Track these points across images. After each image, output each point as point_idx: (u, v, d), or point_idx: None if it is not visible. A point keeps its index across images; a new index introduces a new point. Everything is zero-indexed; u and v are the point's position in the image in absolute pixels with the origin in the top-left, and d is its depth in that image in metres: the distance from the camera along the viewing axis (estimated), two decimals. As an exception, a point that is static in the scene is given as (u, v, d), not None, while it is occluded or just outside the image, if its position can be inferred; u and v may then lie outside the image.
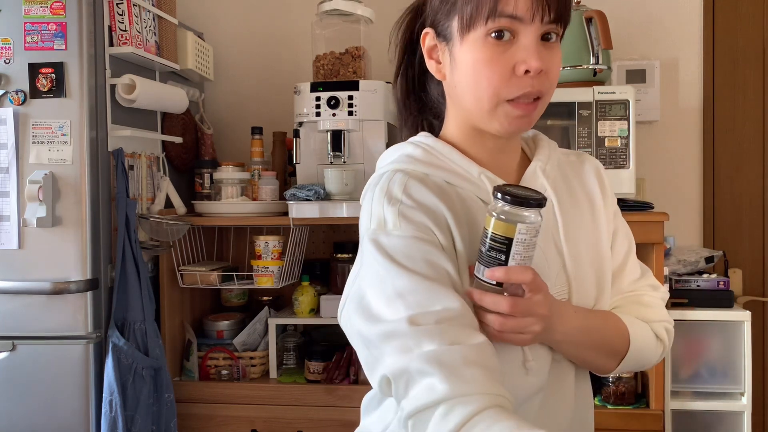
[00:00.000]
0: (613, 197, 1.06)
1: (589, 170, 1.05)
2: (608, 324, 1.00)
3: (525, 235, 0.83)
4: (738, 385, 2.04)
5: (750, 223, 2.47)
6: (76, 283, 1.90)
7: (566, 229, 0.98)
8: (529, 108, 0.90)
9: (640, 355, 1.02)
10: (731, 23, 2.47)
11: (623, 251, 1.06)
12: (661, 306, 1.07)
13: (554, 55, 0.90)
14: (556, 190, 0.99)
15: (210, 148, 2.56)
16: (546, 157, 1.01)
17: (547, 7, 0.86)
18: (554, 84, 0.91)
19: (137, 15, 2.07)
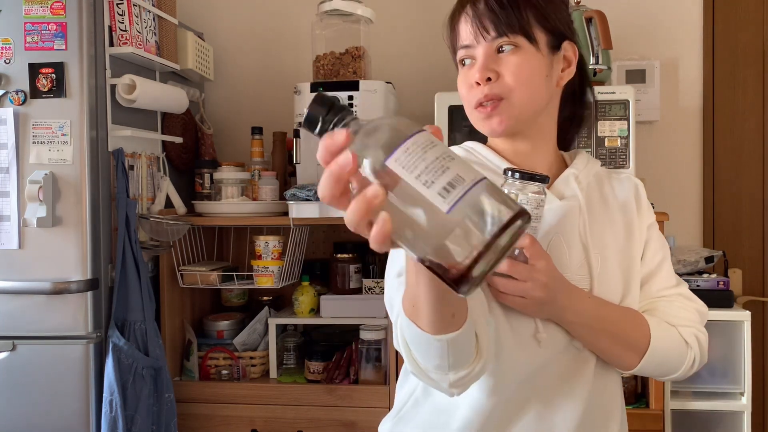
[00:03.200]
0: (650, 212, 1.15)
1: (628, 186, 1.15)
2: (627, 317, 1.06)
3: (526, 205, 0.92)
4: (738, 385, 2.04)
5: (750, 223, 2.47)
6: (76, 283, 1.90)
7: (593, 227, 1.08)
8: (488, 110, 1.03)
9: (664, 357, 1.06)
10: (731, 23, 2.47)
11: (656, 260, 1.12)
12: (692, 313, 1.10)
13: (508, 62, 1.02)
14: (587, 194, 1.10)
15: (210, 148, 2.56)
16: (582, 166, 1.12)
17: (485, 30, 1.02)
18: (514, 84, 1.02)
19: (137, 15, 2.07)
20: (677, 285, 1.13)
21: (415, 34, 2.57)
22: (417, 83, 2.54)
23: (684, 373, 1.09)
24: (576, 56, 1.09)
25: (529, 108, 1.04)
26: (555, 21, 1.05)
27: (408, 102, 2.53)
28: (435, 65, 2.54)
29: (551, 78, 1.06)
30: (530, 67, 1.02)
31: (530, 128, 1.07)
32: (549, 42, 1.05)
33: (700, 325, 1.11)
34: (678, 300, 1.11)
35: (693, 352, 1.08)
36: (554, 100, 1.10)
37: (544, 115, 1.08)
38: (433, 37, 2.76)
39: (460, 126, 2.08)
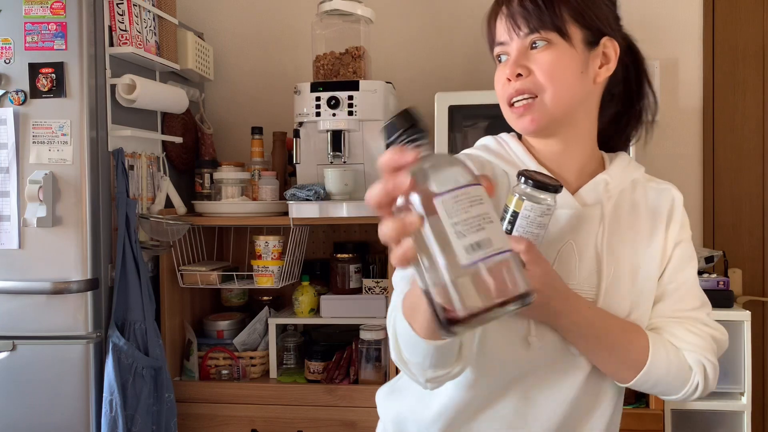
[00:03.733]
0: (683, 229, 1.11)
1: (665, 198, 1.12)
2: (627, 331, 1.04)
3: (529, 212, 0.94)
4: (738, 385, 2.04)
5: (750, 223, 2.47)
6: (76, 283, 1.90)
7: (613, 238, 1.06)
8: (521, 109, 1.03)
9: (663, 377, 1.04)
10: (731, 23, 2.47)
11: (677, 279, 1.09)
12: (703, 339, 1.07)
13: (539, 58, 1.01)
14: (617, 202, 1.08)
15: (210, 148, 2.56)
16: (617, 172, 1.10)
17: (517, 26, 1.02)
18: (547, 81, 1.01)
19: (137, 15, 2.07)
20: (697, 308, 1.10)
21: (415, 34, 2.57)
22: (417, 83, 2.54)
23: (685, 397, 1.07)
24: (617, 53, 1.06)
25: (561, 105, 1.02)
26: (591, 16, 1.03)
27: (408, 102, 2.53)
28: (435, 65, 2.54)
29: (587, 75, 1.03)
30: (562, 63, 1.01)
31: (564, 127, 1.05)
32: (585, 38, 1.02)
33: (709, 352, 1.07)
34: (690, 323, 1.08)
35: (697, 377, 1.05)
36: (592, 97, 1.07)
37: (580, 113, 1.06)
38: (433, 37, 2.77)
39: (460, 126, 2.08)
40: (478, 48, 2.54)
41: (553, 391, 1.05)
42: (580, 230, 1.06)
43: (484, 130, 2.08)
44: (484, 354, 1.03)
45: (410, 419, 1.12)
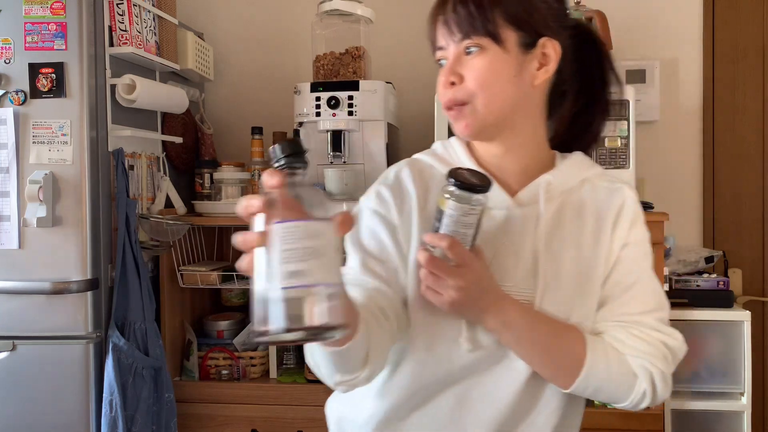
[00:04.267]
0: (633, 230, 1.06)
1: (615, 198, 1.08)
2: (562, 335, 1.01)
3: (453, 211, 0.95)
4: (738, 385, 2.04)
5: (750, 223, 2.47)
6: (76, 283, 1.90)
7: (551, 240, 1.04)
8: (454, 113, 1.03)
9: (604, 383, 1.00)
10: (731, 23, 2.47)
11: (624, 282, 1.04)
12: (651, 344, 1.01)
13: (471, 65, 1.00)
14: (561, 203, 1.06)
15: (210, 148, 2.56)
16: (563, 173, 1.08)
17: (451, 32, 1.01)
18: (478, 88, 1.00)
19: (137, 15, 2.07)
20: (645, 312, 1.04)
21: (415, 34, 2.56)
22: (417, 83, 2.54)
23: (633, 406, 1.03)
24: (558, 52, 1.03)
25: (494, 111, 1.01)
26: (526, 19, 1.00)
27: (408, 102, 2.53)
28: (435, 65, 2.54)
29: (522, 78, 1.01)
30: (493, 69, 1.00)
31: (503, 131, 1.04)
32: (520, 40, 1.00)
33: (657, 358, 1.02)
34: (636, 327, 1.02)
35: (643, 385, 1.01)
36: (531, 100, 1.05)
37: (518, 116, 1.04)
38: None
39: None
40: (478, 48, 2.55)
41: (490, 395, 1.03)
42: (517, 231, 1.04)
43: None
44: (418, 354, 1.03)
45: (348, 419, 1.12)
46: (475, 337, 1.01)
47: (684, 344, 1.07)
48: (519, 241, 1.04)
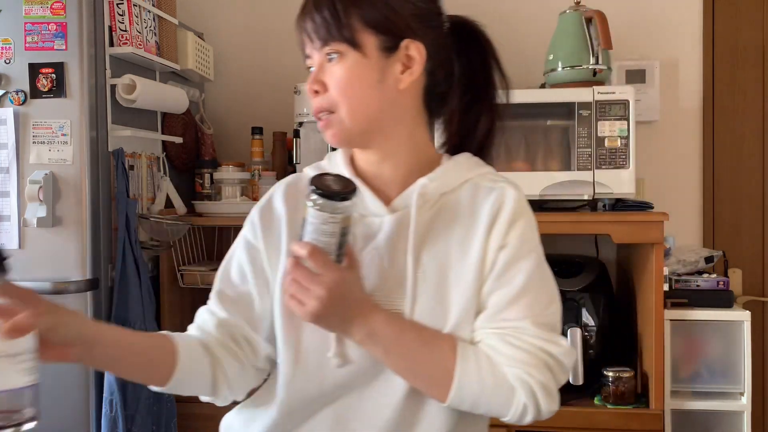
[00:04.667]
0: (511, 232, 0.99)
1: (494, 199, 1.01)
2: (431, 346, 0.96)
3: (314, 219, 0.93)
4: (738, 385, 2.04)
5: (750, 223, 2.47)
6: (76, 283, 1.90)
7: (424, 247, 1.00)
8: (322, 123, 1.01)
9: (478, 396, 0.94)
10: (731, 23, 2.47)
11: (500, 287, 0.98)
12: (528, 353, 0.94)
13: (332, 72, 0.99)
14: (438, 208, 1.02)
15: (210, 148, 2.56)
16: (441, 176, 1.03)
17: (311, 40, 1.00)
18: (340, 96, 0.98)
19: (137, 15, 2.07)
20: (527, 317, 0.96)
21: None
22: (417, 83, 2.54)
23: (517, 420, 0.95)
24: (422, 54, 0.99)
25: (359, 119, 0.99)
26: (385, 21, 0.97)
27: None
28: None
29: (385, 83, 0.98)
30: (352, 76, 0.97)
31: (375, 137, 1.02)
32: (380, 44, 0.98)
33: (536, 368, 0.94)
34: (512, 335, 0.95)
35: (522, 398, 0.93)
36: (398, 104, 1.01)
37: (388, 122, 1.01)
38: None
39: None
40: (478, 48, 2.55)
41: (369, 412, 0.99)
42: (389, 239, 1.01)
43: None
44: (288, 372, 1.01)
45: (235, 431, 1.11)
46: (344, 352, 0.98)
47: (572, 351, 0.99)
48: (391, 250, 1.00)
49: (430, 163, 1.05)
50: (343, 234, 0.94)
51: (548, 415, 0.96)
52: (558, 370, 0.96)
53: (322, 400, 1.01)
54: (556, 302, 1.00)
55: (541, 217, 2.02)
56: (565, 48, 2.14)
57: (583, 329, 1.99)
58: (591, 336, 2.03)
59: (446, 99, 1.07)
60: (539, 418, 0.96)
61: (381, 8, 0.98)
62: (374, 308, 0.96)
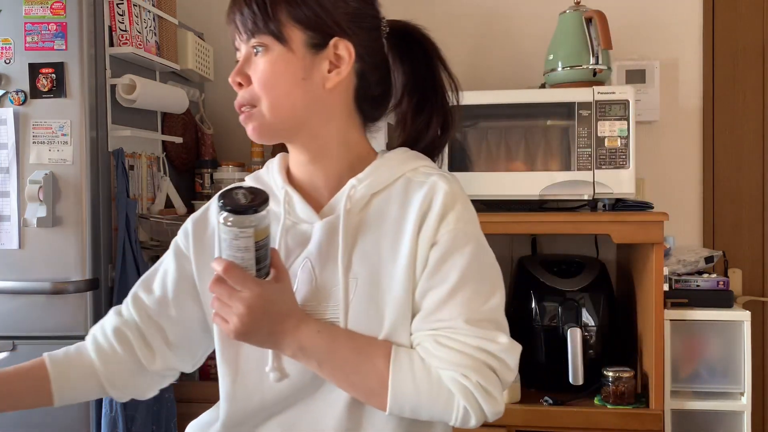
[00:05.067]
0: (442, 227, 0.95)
1: (422, 195, 0.97)
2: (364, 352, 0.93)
3: (224, 234, 0.90)
4: (738, 385, 2.04)
5: (750, 223, 2.47)
6: (76, 283, 1.90)
7: (355, 251, 0.97)
8: (243, 116, 1.00)
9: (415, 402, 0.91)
10: (731, 23, 2.47)
11: (433, 285, 0.94)
12: (462, 352, 0.90)
13: (256, 66, 0.97)
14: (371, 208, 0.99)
15: (210, 148, 2.56)
16: (373, 174, 1.00)
17: (239, 32, 0.98)
18: (262, 90, 0.97)
19: (137, 15, 2.07)
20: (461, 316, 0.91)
21: (415, 34, 2.57)
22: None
23: (461, 424, 0.92)
24: (351, 55, 0.97)
25: (281, 115, 0.97)
26: (314, 17, 0.95)
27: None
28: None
29: (311, 81, 0.96)
30: (277, 70, 0.96)
31: (298, 135, 1.00)
32: (308, 41, 0.96)
33: (472, 369, 0.89)
34: (447, 335, 0.91)
35: (460, 401, 0.90)
36: (326, 104, 0.99)
37: (315, 121, 0.99)
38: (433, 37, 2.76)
39: (459, 126, 2.08)
40: (477, 48, 2.55)
41: (314, 425, 0.97)
42: (320, 245, 0.98)
43: (484, 130, 2.08)
44: (228, 386, 1.01)
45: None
46: (281, 366, 0.96)
47: (513, 346, 0.93)
48: (322, 257, 0.98)
49: (363, 164, 1.02)
50: (260, 247, 0.90)
51: (493, 417, 0.92)
52: (500, 368, 0.92)
53: (264, 414, 1.00)
54: (497, 296, 0.95)
55: (541, 217, 2.04)
56: (565, 48, 2.14)
57: (583, 329, 1.99)
58: (591, 336, 2.03)
59: (382, 103, 1.06)
60: (487, 420, 0.92)
61: (311, 4, 0.96)
62: (303, 320, 0.93)
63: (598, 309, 2.05)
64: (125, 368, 1.08)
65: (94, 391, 1.09)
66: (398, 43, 1.06)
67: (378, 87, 1.04)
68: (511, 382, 0.95)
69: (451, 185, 0.97)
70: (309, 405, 0.98)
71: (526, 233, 2.36)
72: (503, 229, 2.04)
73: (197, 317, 1.08)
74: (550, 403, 1.97)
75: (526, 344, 2.19)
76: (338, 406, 0.96)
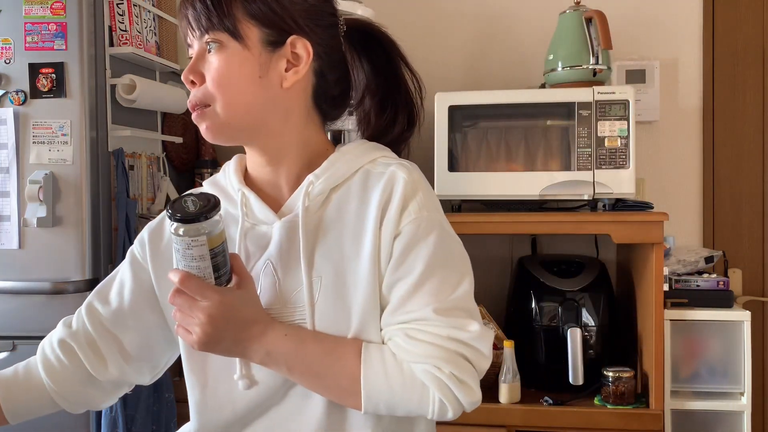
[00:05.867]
0: (403, 218, 0.92)
1: (381, 186, 0.94)
2: (333, 352, 0.91)
3: (177, 245, 0.87)
4: (738, 385, 2.04)
5: (750, 223, 2.47)
6: (76, 283, 1.90)
7: (320, 246, 0.95)
8: (196, 115, 0.95)
9: (390, 398, 0.89)
10: (731, 23, 2.47)
11: (398, 278, 0.92)
12: (432, 344, 0.88)
13: (210, 63, 0.94)
14: (332, 206, 0.96)
15: (210, 148, 2.56)
16: (331, 169, 0.97)
17: (191, 27, 0.94)
18: (216, 89, 0.93)
19: (137, 15, 2.07)
20: (428, 306, 0.89)
21: (415, 34, 2.57)
22: (417, 83, 2.53)
23: (439, 417, 0.90)
24: (309, 53, 0.95)
25: (236, 114, 0.94)
26: (270, 14, 0.93)
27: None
28: (435, 65, 2.54)
29: (268, 79, 0.94)
30: (231, 68, 0.92)
31: (255, 135, 0.97)
32: (264, 38, 0.93)
33: (443, 360, 0.87)
34: (416, 328, 0.89)
35: (435, 394, 0.88)
36: (284, 103, 0.96)
37: (272, 121, 0.96)
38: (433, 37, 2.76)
39: (459, 126, 2.08)
40: (478, 48, 2.55)
41: (294, 429, 0.95)
42: (280, 246, 0.95)
43: (484, 130, 2.08)
44: (197, 398, 0.99)
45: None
46: (249, 374, 0.95)
47: (485, 333, 0.90)
48: (284, 258, 0.95)
49: (321, 161, 0.99)
50: (216, 254, 0.88)
51: (471, 408, 0.91)
52: (474, 357, 0.90)
53: (239, 424, 0.98)
54: (465, 282, 0.93)
55: (541, 217, 2.04)
56: (565, 48, 2.14)
57: (583, 329, 1.99)
58: (591, 336, 2.03)
59: (341, 102, 1.04)
60: (465, 411, 0.91)
61: (267, 1, 0.93)
62: (268, 325, 0.91)
63: (598, 309, 2.05)
64: (74, 380, 1.06)
65: (47, 406, 1.09)
66: (357, 41, 1.05)
67: (337, 86, 1.02)
68: (486, 369, 0.93)
69: (410, 174, 0.95)
70: (283, 410, 0.96)
71: (526, 233, 2.36)
72: (503, 229, 2.04)
73: (158, 327, 1.06)
74: (550, 403, 1.97)
75: (526, 344, 2.20)
76: (316, 408, 0.94)
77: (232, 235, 0.97)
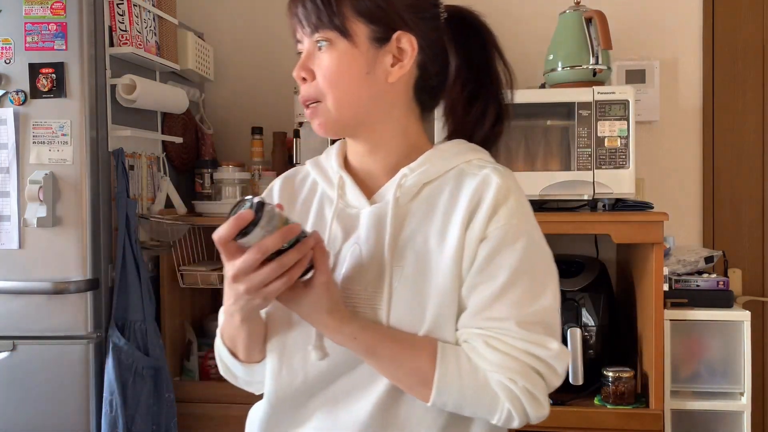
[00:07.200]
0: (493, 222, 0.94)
1: (473, 187, 0.96)
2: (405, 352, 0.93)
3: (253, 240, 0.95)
4: (738, 385, 2.04)
5: (750, 223, 2.47)
6: (76, 283, 1.90)
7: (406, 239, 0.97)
8: (309, 111, 1.00)
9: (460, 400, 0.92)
10: (731, 23, 2.47)
11: (485, 283, 0.93)
12: (510, 356, 0.90)
13: (321, 61, 0.97)
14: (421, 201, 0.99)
15: (210, 148, 2.56)
16: (426, 164, 1.00)
17: (302, 26, 0.97)
18: (327, 86, 0.97)
19: (137, 15, 2.07)
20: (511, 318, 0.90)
21: (415, 34, 2.57)
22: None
23: (504, 424, 0.93)
24: (414, 48, 0.97)
25: (346, 110, 0.97)
26: (377, 11, 0.95)
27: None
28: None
29: (374, 75, 0.96)
30: (342, 65, 0.95)
31: (363, 129, 1.01)
32: (371, 35, 0.95)
33: (519, 374, 0.90)
34: (497, 337, 0.90)
35: (506, 404, 0.90)
36: (388, 97, 0.99)
37: (376, 115, 0.99)
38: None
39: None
40: (478, 48, 2.55)
41: (355, 405, 0.97)
42: (368, 231, 0.98)
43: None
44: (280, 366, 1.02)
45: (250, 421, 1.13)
46: (322, 345, 0.97)
47: (563, 353, 0.92)
48: (370, 243, 0.98)
49: (419, 154, 1.02)
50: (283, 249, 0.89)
51: (537, 421, 0.93)
52: (548, 374, 0.92)
53: (307, 393, 1.01)
54: (548, 296, 0.93)
55: (541, 217, 2.02)
56: (565, 48, 2.14)
57: (583, 329, 1.99)
58: (591, 336, 2.03)
59: (439, 93, 1.05)
60: (530, 422, 0.93)
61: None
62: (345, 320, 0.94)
63: (598, 309, 2.05)
64: None
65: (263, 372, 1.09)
66: (455, 29, 1.04)
67: (437, 77, 1.03)
68: (557, 387, 0.95)
69: (504, 179, 0.96)
70: (348, 384, 0.98)
71: (526, 233, 2.36)
72: (503, 229, 2.04)
73: None
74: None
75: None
76: (378, 387, 0.96)
77: (326, 215, 1.03)
